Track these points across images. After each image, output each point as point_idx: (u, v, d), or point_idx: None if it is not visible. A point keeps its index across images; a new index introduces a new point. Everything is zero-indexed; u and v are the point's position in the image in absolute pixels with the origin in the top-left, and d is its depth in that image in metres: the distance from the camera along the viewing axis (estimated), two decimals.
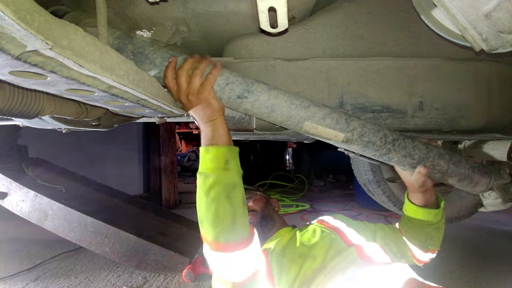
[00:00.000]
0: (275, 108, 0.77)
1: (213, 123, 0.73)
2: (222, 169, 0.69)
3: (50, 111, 0.89)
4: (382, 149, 0.82)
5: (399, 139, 0.83)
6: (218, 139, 0.72)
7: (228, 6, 0.82)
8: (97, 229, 1.91)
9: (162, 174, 3.89)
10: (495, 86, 0.92)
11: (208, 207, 0.69)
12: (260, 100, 0.76)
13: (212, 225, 0.70)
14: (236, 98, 0.76)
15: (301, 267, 0.83)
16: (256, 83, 0.76)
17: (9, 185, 2.00)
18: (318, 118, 0.78)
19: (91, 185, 2.59)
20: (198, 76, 0.71)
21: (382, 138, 0.81)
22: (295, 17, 0.89)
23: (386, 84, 0.89)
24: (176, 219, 2.63)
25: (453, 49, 0.88)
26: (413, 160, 0.85)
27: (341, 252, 0.86)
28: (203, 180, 0.70)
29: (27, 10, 0.34)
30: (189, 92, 0.71)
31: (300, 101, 0.78)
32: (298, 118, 0.78)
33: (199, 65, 0.71)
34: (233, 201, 0.70)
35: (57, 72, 0.43)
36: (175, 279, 1.89)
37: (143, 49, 0.76)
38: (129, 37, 0.77)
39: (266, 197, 1.24)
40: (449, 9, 0.62)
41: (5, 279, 1.89)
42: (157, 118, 1.32)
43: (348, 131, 0.79)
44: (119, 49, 0.76)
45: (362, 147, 0.82)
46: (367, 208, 3.60)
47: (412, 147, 0.84)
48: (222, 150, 0.71)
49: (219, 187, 0.69)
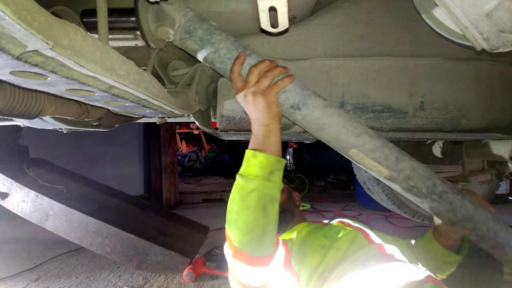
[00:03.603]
0: (325, 127, 0.74)
1: (267, 127, 0.71)
2: (265, 179, 0.68)
3: (50, 111, 0.89)
4: (425, 198, 0.77)
5: (448, 192, 0.77)
6: (268, 146, 0.70)
7: (228, 6, 0.82)
8: (98, 230, 1.91)
9: (162, 175, 3.89)
10: (496, 85, 0.92)
11: (241, 212, 0.68)
12: (312, 116, 0.73)
13: (240, 232, 0.69)
14: (289, 107, 0.74)
15: (324, 256, 0.85)
16: (313, 97, 0.74)
17: (10, 186, 2.00)
18: (367, 149, 0.74)
19: (92, 185, 2.59)
20: (269, 79, 0.71)
21: (429, 187, 0.76)
22: (296, 16, 0.89)
23: (387, 84, 0.89)
24: (177, 219, 2.63)
25: (454, 48, 0.88)
26: (454, 217, 0.79)
27: (363, 247, 0.88)
28: (243, 184, 0.69)
29: (28, 10, 0.34)
30: (255, 90, 0.70)
31: (353, 127, 0.74)
32: (345, 144, 0.75)
33: (273, 70, 0.71)
34: (268, 214, 0.69)
35: (57, 72, 0.43)
36: (175, 279, 1.89)
37: (210, 37, 0.74)
38: (200, 21, 0.76)
39: (289, 189, 1.24)
40: (450, 8, 0.62)
41: (6, 279, 1.89)
42: (158, 118, 1.32)
43: (394, 170, 0.75)
44: (189, 32, 0.75)
45: (404, 189, 0.77)
46: (367, 208, 3.59)
47: (459, 204, 0.78)
48: (270, 159, 0.69)
49: (257, 196, 0.67)
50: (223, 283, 1.84)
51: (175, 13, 0.75)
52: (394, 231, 2.79)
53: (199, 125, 1.03)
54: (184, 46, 0.79)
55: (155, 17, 0.77)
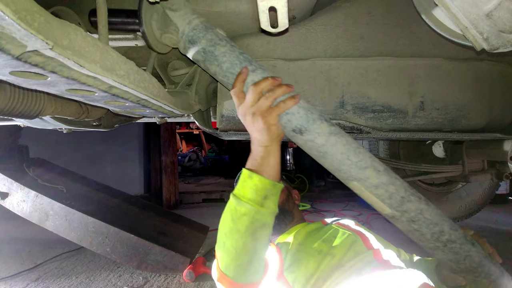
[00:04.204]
0: (327, 156, 0.69)
1: (265, 149, 0.68)
2: (258, 204, 0.66)
3: (51, 111, 0.89)
4: (428, 243, 0.72)
5: (455, 242, 0.71)
6: (266, 168, 0.67)
7: (228, 6, 0.82)
8: (98, 229, 1.91)
9: (162, 174, 3.89)
10: (496, 85, 0.92)
11: (231, 235, 0.67)
12: (314, 142, 0.68)
13: (228, 256, 0.67)
14: (290, 130, 0.69)
15: (320, 263, 0.84)
16: (318, 122, 0.68)
17: (10, 185, 2.00)
18: (370, 185, 0.68)
19: (92, 185, 2.59)
20: (270, 100, 0.66)
21: (435, 234, 0.70)
22: (296, 17, 0.89)
23: (387, 84, 0.89)
24: (177, 219, 2.63)
25: (454, 48, 0.88)
26: (457, 267, 0.75)
27: (359, 253, 0.86)
28: (235, 205, 0.67)
29: (28, 10, 0.34)
30: (254, 111, 0.66)
31: (358, 159, 0.68)
32: (347, 175, 0.70)
33: (276, 90, 0.66)
34: (257, 240, 0.67)
35: (57, 72, 0.43)
36: (175, 279, 1.89)
37: (214, 48, 0.70)
38: (205, 30, 0.72)
39: (288, 188, 1.21)
40: (450, 8, 0.62)
41: (6, 279, 1.89)
42: (158, 118, 1.32)
43: (398, 210, 0.69)
44: (192, 41, 0.72)
45: (405, 230, 0.73)
46: (368, 208, 3.59)
47: (464, 256, 0.72)
48: (266, 183, 0.66)
49: (248, 222, 0.65)
50: None
51: (179, 20, 0.72)
52: (394, 231, 2.78)
53: (199, 125, 1.03)
54: (188, 55, 0.76)
55: (160, 23, 0.75)
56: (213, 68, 0.72)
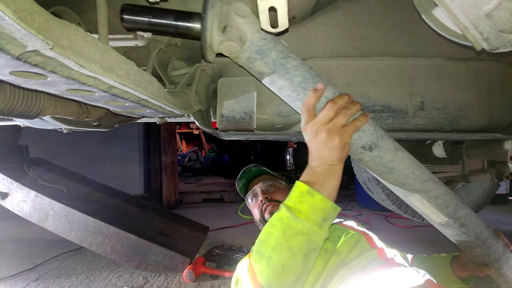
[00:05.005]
0: (393, 171, 0.70)
1: (331, 167, 0.66)
2: (317, 225, 0.63)
3: (51, 111, 0.89)
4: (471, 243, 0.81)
5: (489, 238, 0.82)
6: (327, 188, 0.65)
7: None
8: (98, 229, 1.91)
9: (162, 174, 3.89)
10: (496, 85, 0.92)
11: (280, 251, 0.64)
12: (382, 158, 0.69)
13: (273, 271, 0.65)
14: (359, 147, 0.68)
15: (327, 261, 0.84)
16: (385, 139, 0.69)
17: (10, 185, 2.00)
18: (431, 196, 0.71)
19: (92, 185, 2.59)
20: (347, 118, 0.65)
21: (477, 234, 0.79)
22: (296, 17, 0.89)
23: (387, 84, 0.88)
24: (177, 219, 2.63)
25: (454, 48, 0.88)
26: (488, 260, 0.86)
27: (364, 252, 0.87)
28: (290, 220, 0.63)
29: (28, 10, 0.34)
30: (330, 128, 0.64)
31: (421, 172, 0.70)
32: (410, 188, 0.72)
33: (351, 107, 0.66)
34: (308, 263, 0.65)
35: (57, 72, 0.43)
36: (175, 279, 1.89)
37: (285, 61, 0.68)
38: (274, 41, 0.69)
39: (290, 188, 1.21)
40: (450, 8, 0.62)
41: (6, 279, 1.89)
42: (158, 118, 1.32)
43: (452, 217, 0.74)
44: (261, 52, 0.68)
45: (454, 234, 0.79)
46: (368, 208, 3.59)
47: (494, 249, 0.84)
48: (327, 205, 0.64)
49: (304, 241, 0.63)
50: (223, 283, 1.84)
51: (249, 28, 0.67)
52: (395, 231, 2.79)
53: (199, 125, 1.03)
54: (249, 67, 0.71)
55: (222, 29, 0.68)
56: (281, 81, 0.69)
